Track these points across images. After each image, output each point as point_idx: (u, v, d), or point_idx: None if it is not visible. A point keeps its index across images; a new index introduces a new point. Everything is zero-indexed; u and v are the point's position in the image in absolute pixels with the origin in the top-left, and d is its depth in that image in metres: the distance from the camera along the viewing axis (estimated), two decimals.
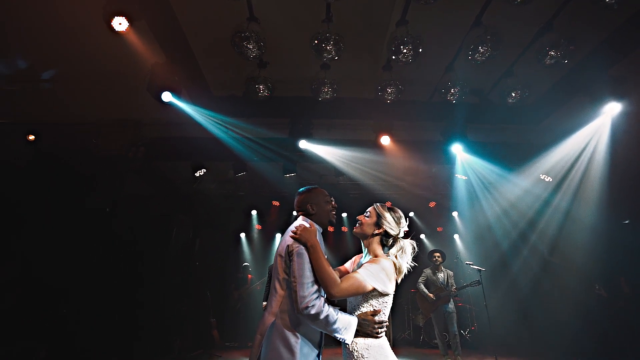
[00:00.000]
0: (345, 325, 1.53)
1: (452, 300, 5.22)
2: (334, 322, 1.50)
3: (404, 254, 1.73)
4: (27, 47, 4.20)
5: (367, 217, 1.81)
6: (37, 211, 5.21)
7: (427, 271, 5.51)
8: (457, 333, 5.05)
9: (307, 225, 1.70)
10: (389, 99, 4.41)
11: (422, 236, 8.48)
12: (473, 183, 5.83)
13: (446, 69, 4.33)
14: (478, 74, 4.29)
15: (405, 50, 3.46)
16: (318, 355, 1.65)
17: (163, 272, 5.36)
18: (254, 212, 7.34)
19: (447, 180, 6.06)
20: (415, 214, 7.98)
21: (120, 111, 5.26)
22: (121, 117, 5.35)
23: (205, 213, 6.42)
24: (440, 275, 5.41)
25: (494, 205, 6.35)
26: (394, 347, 6.20)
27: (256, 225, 7.55)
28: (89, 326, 4.33)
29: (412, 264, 1.79)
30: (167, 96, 3.92)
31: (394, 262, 1.70)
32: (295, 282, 1.54)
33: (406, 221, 1.82)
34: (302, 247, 1.60)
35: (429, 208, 7.46)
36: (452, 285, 5.26)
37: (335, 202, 1.96)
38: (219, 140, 4.97)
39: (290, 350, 1.52)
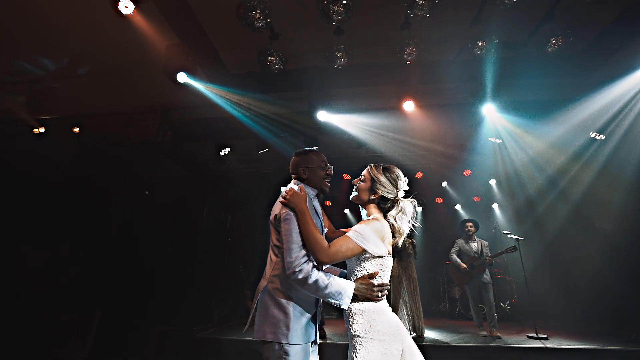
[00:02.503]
0: (339, 290, 1.47)
1: (487, 270, 4.97)
2: (325, 287, 1.45)
3: (403, 215, 1.64)
4: (63, 46, 4.48)
5: (362, 182, 1.72)
6: (85, 196, 5.74)
7: (460, 241, 5.28)
8: (493, 304, 4.84)
9: (297, 190, 1.64)
10: (409, 60, 4.13)
11: (458, 207, 8.11)
12: (509, 147, 5.35)
13: (472, 21, 3.90)
14: (510, 23, 3.83)
15: (420, 1, 3.15)
16: (314, 316, 1.62)
17: (196, 248, 5.70)
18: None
19: (481, 145, 5.61)
20: (448, 184, 7.59)
21: (148, 98, 5.49)
22: (149, 103, 5.60)
23: (235, 192, 6.64)
24: (474, 245, 5.15)
25: (533, 170, 5.82)
26: (429, 318, 6.10)
27: None
28: (135, 295, 4.77)
29: (416, 224, 1.70)
30: (182, 77, 3.99)
31: (392, 224, 1.62)
32: (283, 248, 1.52)
33: (405, 180, 1.70)
34: (291, 213, 1.57)
35: (464, 177, 7.03)
36: (486, 255, 5.00)
37: (332, 169, 1.85)
38: (239, 119, 5.01)
39: (284, 311, 1.52)
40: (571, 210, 5.88)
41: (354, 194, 1.75)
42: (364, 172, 1.74)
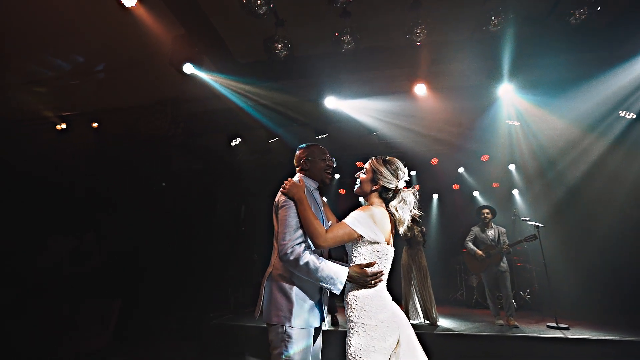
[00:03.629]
0: (330, 275, 1.50)
1: (504, 258, 4.81)
2: (317, 270, 1.49)
3: (405, 205, 1.67)
4: (73, 45, 4.59)
5: (364, 174, 1.76)
6: (105, 190, 5.97)
7: (475, 229, 5.12)
8: (510, 293, 4.70)
9: (296, 180, 1.73)
10: (419, 41, 3.95)
11: (475, 193, 7.85)
12: (528, 130, 5.07)
13: None
14: None
15: None
16: (319, 303, 1.68)
17: (212, 238, 5.83)
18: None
19: (498, 128, 5.36)
20: (465, 170, 7.34)
21: (159, 92, 5.56)
22: (161, 97, 5.68)
23: (248, 182, 6.72)
24: (490, 233, 4.98)
25: (554, 154, 5.51)
26: (445, 306, 6.06)
27: None
28: (154, 284, 4.96)
29: (419, 213, 1.72)
30: (188, 68, 4.00)
31: (394, 214, 1.66)
32: (278, 232, 1.59)
33: (405, 170, 1.74)
34: (288, 201, 1.65)
35: (481, 163, 6.77)
36: (504, 243, 4.83)
37: (333, 161, 1.93)
38: (249, 109, 5.01)
39: (286, 296, 1.59)
40: (596, 195, 5.55)
41: (356, 186, 1.80)
42: (366, 164, 1.79)
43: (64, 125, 6.35)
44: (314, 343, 1.69)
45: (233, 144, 5.48)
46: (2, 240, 5.32)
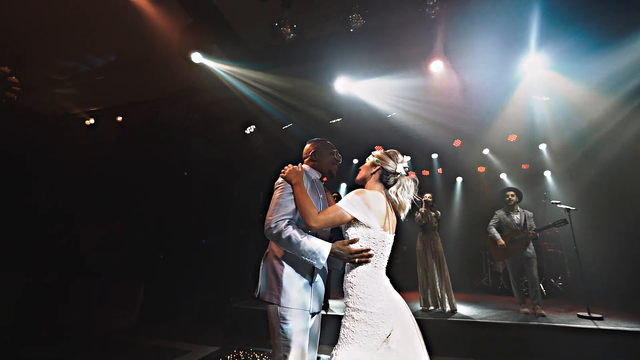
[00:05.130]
0: (312, 249, 1.53)
1: (531, 244, 4.54)
2: (298, 244, 1.53)
3: (404, 190, 1.67)
4: (96, 42, 4.75)
5: (365, 163, 1.82)
6: (131, 180, 6.27)
7: (500, 212, 4.85)
8: (536, 280, 4.44)
9: (296, 167, 1.81)
10: (433, 14, 3.70)
11: (503, 176, 7.41)
12: (558, 105, 4.64)
13: None
14: None
15: None
16: (312, 285, 1.70)
17: (229, 223, 5.99)
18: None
19: (525, 105, 4.96)
20: (490, 151, 6.92)
21: (175, 84, 5.67)
22: (177, 88, 5.79)
23: (265, 169, 6.77)
24: (516, 217, 4.70)
25: (588, 130, 5.02)
26: (468, 293, 5.87)
27: None
28: (177, 269, 5.19)
29: (418, 199, 1.71)
30: (197, 57, 4.02)
31: (394, 200, 1.67)
32: (268, 210, 1.66)
33: (404, 158, 1.77)
34: (284, 182, 1.72)
35: (508, 143, 6.35)
36: (530, 227, 4.55)
37: (340, 156, 2.04)
38: (254, 98, 5.00)
39: (276, 274, 1.65)
40: (633, 175, 5.04)
41: (358, 175, 1.83)
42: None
43: (92, 120, 6.70)
44: (313, 328, 1.73)
45: (248, 131, 5.50)
46: (45, 227, 5.78)
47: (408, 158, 1.87)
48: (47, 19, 4.22)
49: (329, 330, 3.51)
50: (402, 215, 1.68)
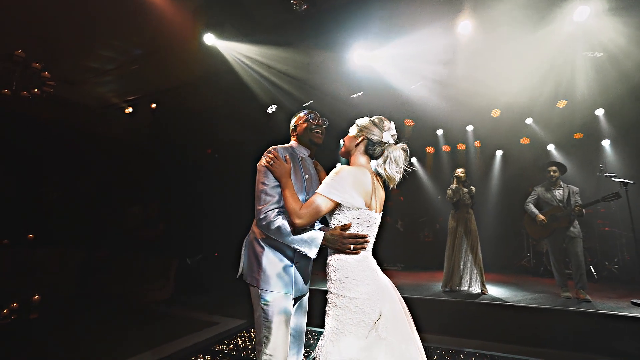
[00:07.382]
0: (305, 238, 1.46)
1: (575, 222, 4.06)
2: (289, 234, 1.47)
3: (391, 162, 1.49)
4: (128, 32, 4.94)
5: (349, 134, 1.62)
6: (165, 159, 6.65)
7: (539, 188, 4.38)
8: (581, 261, 3.99)
9: (282, 153, 1.67)
10: None
11: (550, 147, 6.64)
12: (615, 62, 3.93)
13: None
14: None
15: None
16: (293, 269, 1.64)
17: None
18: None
19: (574, 64, 4.29)
20: (534, 121, 6.20)
21: (198, 69, 5.76)
22: (200, 74, 5.90)
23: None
24: (558, 193, 4.21)
25: None
26: (505, 274, 5.48)
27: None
28: (209, 245, 5.50)
29: (409, 169, 1.54)
30: (209, 38, 4.01)
31: (380, 173, 1.51)
32: (255, 197, 1.60)
33: (391, 124, 1.57)
34: (265, 165, 1.61)
35: (556, 109, 5.62)
36: (575, 203, 4.05)
37: (321, 121, 1.84)
38: (275, 76, 4.92)
39: (257, 257, 1.61)
40: None
41: (341, 148, 1.66)
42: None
43: (130, 109, 7.14)
44: (295, 313, 1.73)
45: (269, 111, 5.49)
46: (96, 209, 6.41)
47: (393, 124, 1.63)
48: (77, 19, 4.42)
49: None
50: (392, 186, 1.53)
